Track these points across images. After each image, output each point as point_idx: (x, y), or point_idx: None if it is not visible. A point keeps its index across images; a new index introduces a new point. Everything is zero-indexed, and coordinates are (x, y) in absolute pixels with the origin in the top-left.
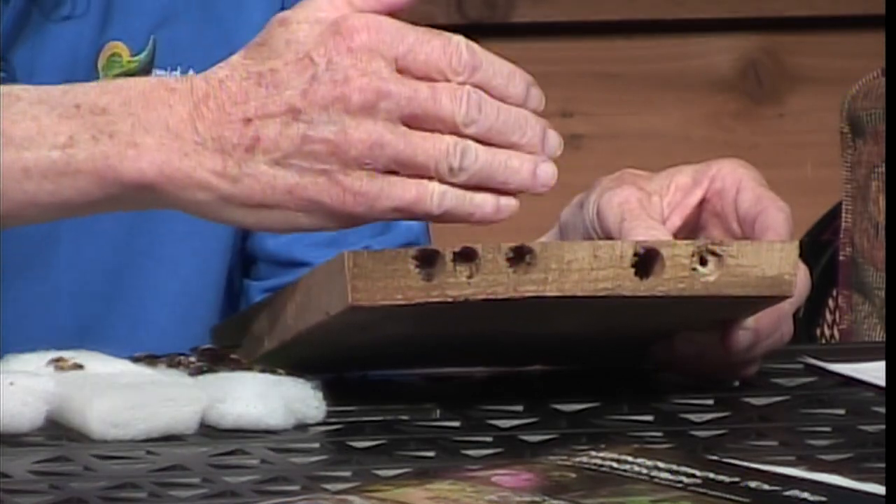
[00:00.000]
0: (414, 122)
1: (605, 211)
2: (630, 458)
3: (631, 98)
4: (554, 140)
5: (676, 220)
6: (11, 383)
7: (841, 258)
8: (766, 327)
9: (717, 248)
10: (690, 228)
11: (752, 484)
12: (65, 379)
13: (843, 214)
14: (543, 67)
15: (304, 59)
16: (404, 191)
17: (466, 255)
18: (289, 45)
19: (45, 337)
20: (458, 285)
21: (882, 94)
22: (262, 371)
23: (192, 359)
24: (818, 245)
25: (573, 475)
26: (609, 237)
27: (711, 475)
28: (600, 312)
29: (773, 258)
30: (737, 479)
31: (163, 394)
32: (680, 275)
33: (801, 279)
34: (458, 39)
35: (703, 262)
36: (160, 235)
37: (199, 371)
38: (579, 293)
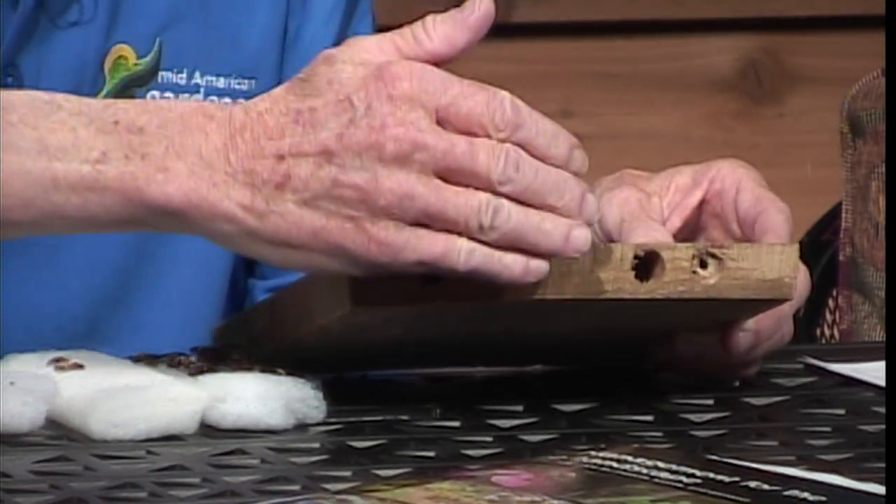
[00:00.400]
0: (449, 176)
1: (605, 212)
2: (630, 458)
3: (631, 98)
4: (592, 206)
5: (676, 221)
6: (12, 383)
7: (841, 258)
8: (767, 329)
9: (717, 251)
10: (690, 229)
11: (752, 484)
12: (65, 379)
13: (843, 214)
14: (543, 67)
15: (344, 102)
16: (431, 245)
17: None
18: (331, 84)
19: (55, 339)
20: (458, 290)
21: (882, 94)
22: (263, 371)
23: (193, 359)
24: (818, 245)
25: (573, 475)
26: (609, 238)
27: (711, 475)
28: (600, 314)
29: (773, 261)
30: (737, 479)
31: (163, 394)
32: (680, 277)
33: (801, 280)
34: (504, 96)
35: (704, 265)
36: (168, 238)
37: (199, 371)
38: (579, 296)
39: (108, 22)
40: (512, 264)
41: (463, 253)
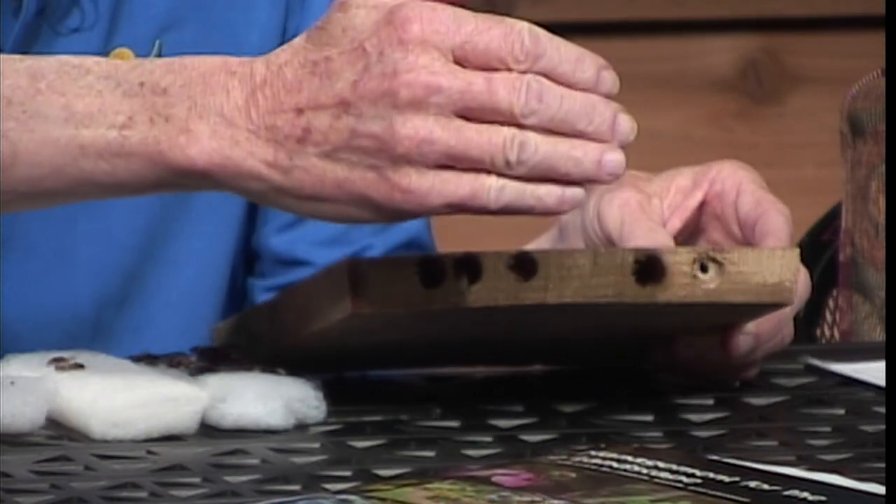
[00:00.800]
0: (471, 114)
1: (605, 213)
2: (630, 458)
3: (631, 98)
4: (625, 125)
5: (676, 223)
6: (12, 383)
7: (841, 258)
8: (767, 331)
9: (718, 255)
10: (690, 231)
11: (752, 484)
12: (65, 379)
13: (843, 214)
14: None
15: (358, 49)
16: (458, 187)
17: (468, 263)
18: (345, 32)
19: (60, 340)
20: (459, 293)
21: (882, 94)
22: (263, 371)
23: (193, 359)
24: (818, 245)
25: (573, 475)
26: (609, 239)
27: (711, 475)
28: (601, 318)
29: (773, 265)
30: (737, 479)
31: (163, 394)
32: (681, 282)
33: (801, 283)
34: (522, 26)
35: (704, 269)
36: (171, 238)
37: (199, 371)
38: (580, 300)
39: (108, 26)
40: (546, 196)
41: (493, 191)
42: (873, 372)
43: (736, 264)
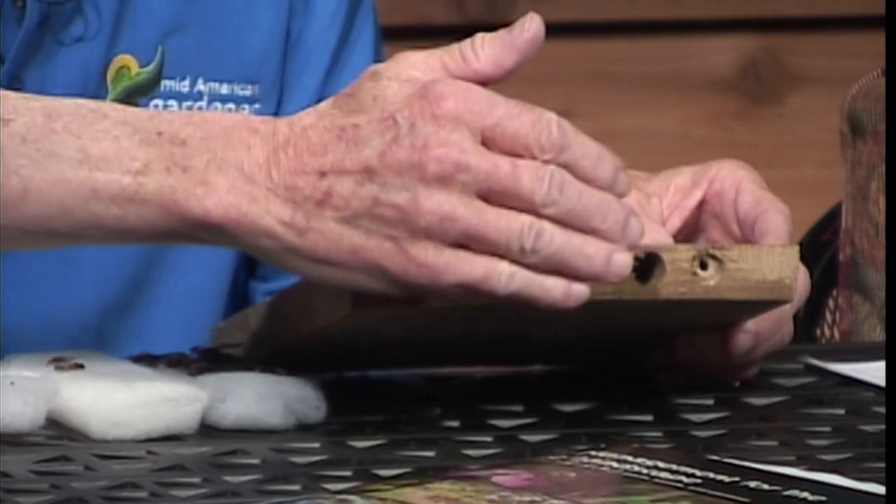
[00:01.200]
0: (492, 197)
1: None
2: (630, 458)
3: (631, 98)
4: (636, 228)
5: (676, 222)
6: (12, 383)
7: (841, 258)
8: (767, 329)
9: (717, 253)
10: (690, 230)
11: (752, 484)
12: (65, 379)
13: (843, 214)
14: (543, 67)
15: (388, 120)
16: (472, 268)
17: None
18: (376, 101)
19: (64, 346)
20: None
21: (882, 94)
22: (263, 371)
23: (193, 359)
24: (818, 245)
25: (573, 475)
26: None
27: (711, 475)
28: (601, 315)
29: (773, 262)
30: (737, 479)
31: (163, 394)
32: (681, 279)
33: (801, 281)
34: (550, 117)
35: (704, 267)
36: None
37: (199, 371)
38: None
39: (111, 34)
40: (553, 288)
41: (504, 276)
42: (873, 372)
43: (735, 261)
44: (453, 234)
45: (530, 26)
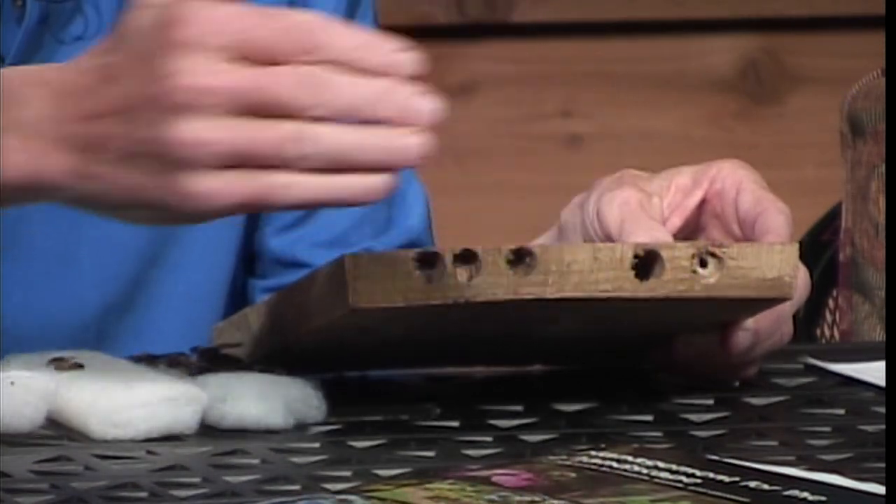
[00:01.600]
0: (257, 111)
1: (605, 212)
2: (630, 458)
3: (631, 98)
4: (425, 106)
5: (676, 222)
6: (12, 383)
7: (841, 258)
8: (766, 328)
9: (717, 250)
10: (690, 229)
11: (752, 484)
12: (65, 379)
13: (843, 214)
14: (543, 67)
15: (137, 53)
16: (246, 186)
17: (467, 257)
18: (133, 34)
19: (65, 347)
20: (458, 287)
21: (882, 95)
22: (263, 371)
23: (193, 359)
24: (818, 245)
25: (573, 475)
26: (609, 238)
27: (711, 475)
28: (600, 314)
29: (773, 260)
30: (737, 479)
31: (163, 394)
32: (680, 277)
33: (800, 280)
34: (303, 18)
35: (704, 264)
36: (174, 243)
37: (199, 371)
38: (579, 295)
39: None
40: (348, 187)
41: (284, 187)
42: (873, 372)
43: (735, 259)
44: (214, 158)
45: None
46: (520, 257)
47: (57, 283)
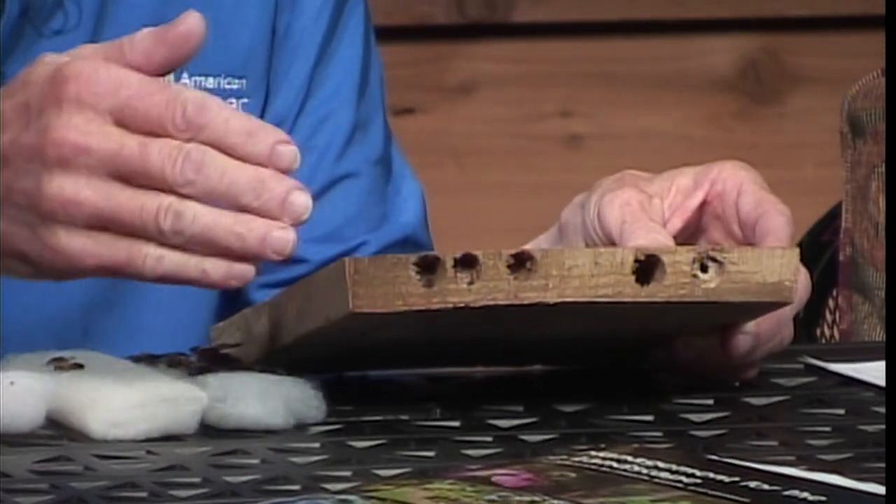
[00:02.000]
0: (128, 179)
1: (606, 212)
2: (630, 458)
3: (631, 98)
4: (298, 203)
5: (677, 223)
6: (12, 383)
7: (841, 258)
8: (767, 331)
9: (717, 255)
10: (691, 231)
11: (752, 484)
12: (65, 379)
13: (843, 214)
14: (543, 67)
15: (24, 105)
16: (112, 251)
17: (467, 262)
18: (25, 85)
19: (50, 343)
20: (458, 292)
21: (882, 95)
22: (263, 371)
23: (193, 359)
24: (818, 245)
25: (573, 475)
26: (609, 238)
27: (711, 475)
28: (601, 317)
29: (773, 264)
30: (737, 479)
31: (163, 394)
32: (681, 281)
33: (801, 283)
34: (188, 96)
35: (704, 269)
36: None
37: (199, 371)
38: (580, 300)
39: (93, 28)
40: (212, 270)
41: (150, 259)
42: (873, 372)
43: (736, 264)
44: (82, 218)
45: (184, 21)
46: (520, 262)
47: (47, 285)
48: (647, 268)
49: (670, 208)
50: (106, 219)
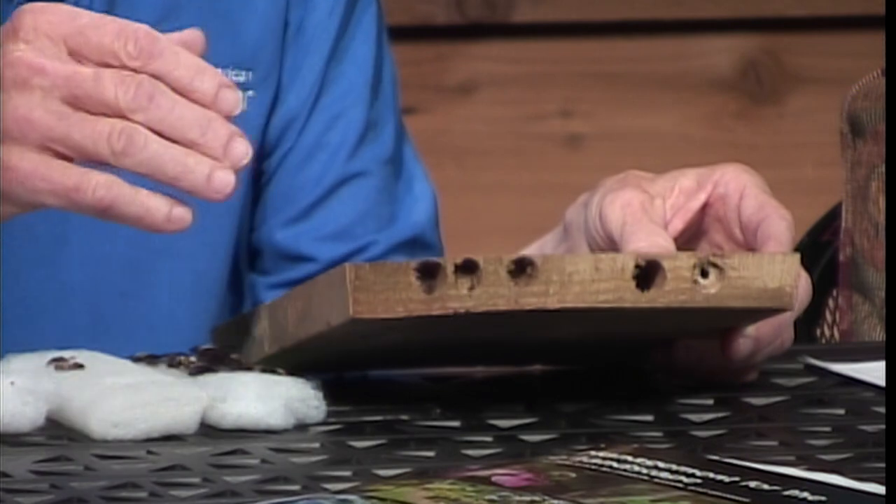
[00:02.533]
0: (82, 105)
1: (608, 213)
2: (630, 458)
3: (631, 98)
4: (239, 149)
5: (679, 224)
6: (12, 383)
7: (841, 259)
8: (767, 335)
9: (718, 261)
10: (692, 232)
11: (752, 484)
12: (65, 379)
13: (843, 215)
14: (543, 67)
15: None
16: (62, 176)
17: (468, 268)
18: None
19: (57, 334)
20: (459, 298)
21: (882, 94)
22: (263, 371)
23: (193, 359)
24: (818, 246)
25: (573, 475)
26: (611, 239)
27: (711, 475)
28: (601, 322)
29: (774, 270)
30: (736, 479)
31: (163, 394)
32: (681, 287)
33: (801, 288)
34: (138, 27)
35: (705, 274)
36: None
37: (199, 371)
38: (581, 305)
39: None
40: (155, 209)
41: (99, 188)
42: (873, 372)
43: (736, 269)
44: (34, 138)
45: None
46: (521, 267)
47: (47, 268)
48: (647, 273)
49: (672, 209)
50: (58, 139)
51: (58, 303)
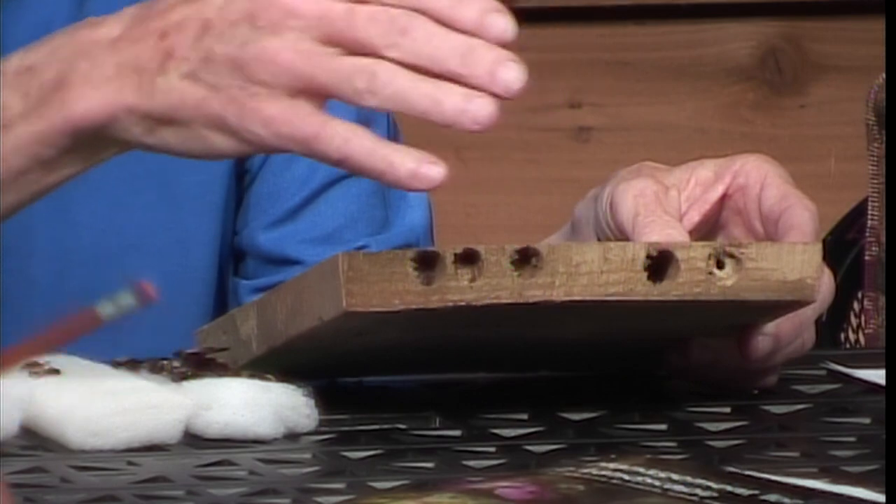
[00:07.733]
0: (336, 43)
1: (619, 203)
2: (642, 470)
3: (643, 88)
4: (509, 75)
5: (695, 216)
6: None
7: (867, 258)
8: (787, 333)
9: (734, 251)
10: (710, 226)
11: (772, 497)
12: (40, 385)
13: (870, 211)
14: (550, 55)
15: None
16: (305, 122)
17: (468, 258)
18: None
19: (21, 329)
20: (459, 290)
21: None
22: (251, 377)
23: (176, 363)
24: (843, 244)
25: (581, 487)
26: (622, 231)
27: (728, 488)
28: (611, 318)
29: (794, 261)
30: (756, 492)
31: (145, 401)
32: (695, 278)
33: (824, 283)
34: None
35: (720, 265)
36: (142, 225)
37: (183, 376)
38: (588, 298)
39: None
40: (399, 164)
41: (338, 138)
42: None
43: (754, 260)
44: (283, 80)
45: None
46: (525, 258)
47: (11, 263)
48: (659, 264)
49: (688, 201)
50: (304, 79)
51: (22, 300)
